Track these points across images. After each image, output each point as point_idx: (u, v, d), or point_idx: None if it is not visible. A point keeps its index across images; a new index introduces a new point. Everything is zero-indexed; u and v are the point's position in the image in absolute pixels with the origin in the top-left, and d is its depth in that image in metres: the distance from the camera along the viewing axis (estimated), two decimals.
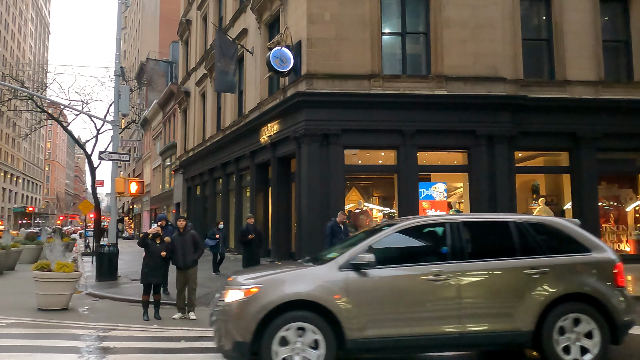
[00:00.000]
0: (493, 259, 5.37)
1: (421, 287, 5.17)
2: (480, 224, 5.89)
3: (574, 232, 5.64)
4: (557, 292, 5.16)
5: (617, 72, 15.25)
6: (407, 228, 5.69)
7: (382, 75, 13.82)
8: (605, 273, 5.35)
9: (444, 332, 5.07)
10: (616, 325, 5.16)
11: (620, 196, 15.77)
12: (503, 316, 5.16)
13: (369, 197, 16.56)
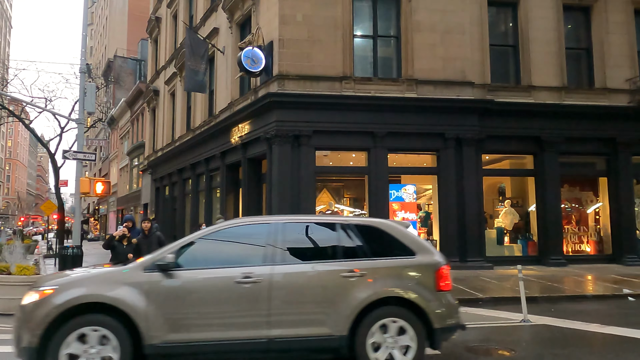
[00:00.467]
0: (310, 261, 5.22)
1: (229, 290, 4.93)
2: (302, 226, 5.63)
3: (400, 235, 5.49)
4: (373, 296, 5.02)
5: (579, 78, 15.79)
6: (224, 229, 5.43)
7: (353, 77, 13.90)
8: (427, 277, 5.24)
9: (252, 337, 4.85)
10: (434, 330, 5.07)
11: (581, 198, 16.33)
12: (316, 321, 4.98)
13: (340, 199, 16.63)
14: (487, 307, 9.30)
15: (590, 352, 6.09)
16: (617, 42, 15.55)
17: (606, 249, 15.56)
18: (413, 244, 5.48)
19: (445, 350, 6.09)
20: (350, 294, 5.02)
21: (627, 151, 15.26)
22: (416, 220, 14.75)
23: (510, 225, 15.77)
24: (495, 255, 14.66)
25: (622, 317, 8.37)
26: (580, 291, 10.81)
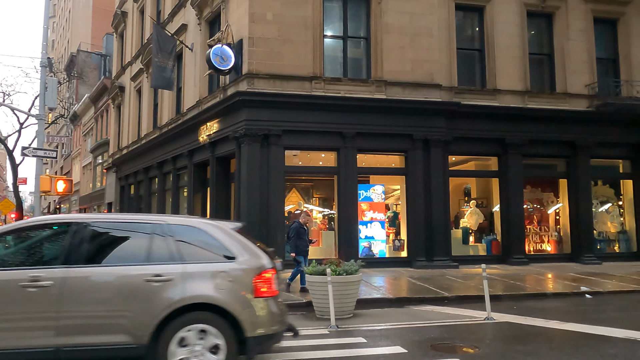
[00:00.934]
0: (111, 264, 4.90)
1: (14, 294, 4.57)
2: (108, 225, 5.30)
3: (219, 236, 5.13)
4: (179, 302, 4.68)
5: (541, 83, 16.30)
6: (17, 228, 5.09)
7: (323, 77, 13.92)
8: (245, 282, 4.90)
9: (38, 346, 4.48)
10: (247, 339, 4.76)
11: (542, 199, 16.87)
12: (114, 328, 4.63)
13: (309, 198, 16.62)
14: (453, 305, 9.48)
15: (550, 348, 6.29)
16: (577, 49, 16.13)
17: (566, 248, 16.12)
18: (234, 246, 5.10)
19: (410, 348, 6.18)
20: (154, 299, 4.68)
21: (585, 154, 15.84)
22: (384, 220, 14.91)
23: (475, 225, 16.14)
24: (460, 255, 14.96)
25: (580, 314, 8.68)
26: (541, 289, 11.16)
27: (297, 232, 10.50)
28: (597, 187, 16.83)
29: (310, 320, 8.23)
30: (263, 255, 5.19)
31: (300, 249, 10.43)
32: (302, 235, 10.53)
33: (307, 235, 10.81)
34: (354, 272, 8.42)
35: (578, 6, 16.27)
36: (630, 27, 16.61)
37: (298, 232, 10.50)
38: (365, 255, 14.12)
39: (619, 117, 15.90)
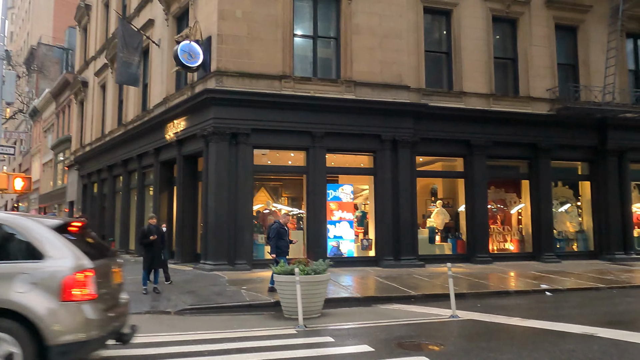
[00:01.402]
0: None
1: None
2: None
3: (27, 234, 4.69)
4: None
5: (505, 86, 16.73)
6: None
7: (293, 76, 13.89)
8: (50, 284, 4.44)
9: None
10: (49, 347, 4.30)
11: (506, 200, 17.34)
12: None
13: (278, 198, 16.56)
14: (419, 303, 9.64)
15: (511, 344, 6.46)
16: (539, 54, 16.65)
17: (527, 247, 16.61)
18: (45, 244, 4.61)
19: (377, 347, 6.24)
20: None
21: (547, 156, 16.36)
22: (353, 220, 15.00)
23: (442, 225, 16.44)
24: (427, 254, 15.21)
25: (541, 310, 8.97)
26: (503, 287, 11.47)
27: (277, 233, 10.47)
28: (557, 188, 17.41)
29: (278, 320, 8.21)
30: (81, 255, 4.68)
31: (281, 250, 10.38)
32: (282, 235, 10.50)
33: (288, 235, 10.77)
34: (322, 272, 8.43)
35: (541, 13, 16.79)
36: (589, 35, 17.26)
37: (278, 232, 10.47)
38: (334, 254, 14.17)
39: (578, 121, 16.50)
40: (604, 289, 11.13)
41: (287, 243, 10.53)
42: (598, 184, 17.03)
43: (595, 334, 6.78)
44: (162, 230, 11.41)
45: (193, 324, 7.99)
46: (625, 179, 17.03)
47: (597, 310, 8.54)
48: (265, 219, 15.57)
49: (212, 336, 6.97)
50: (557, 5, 16.87)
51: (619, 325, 7.19)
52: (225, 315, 8.66)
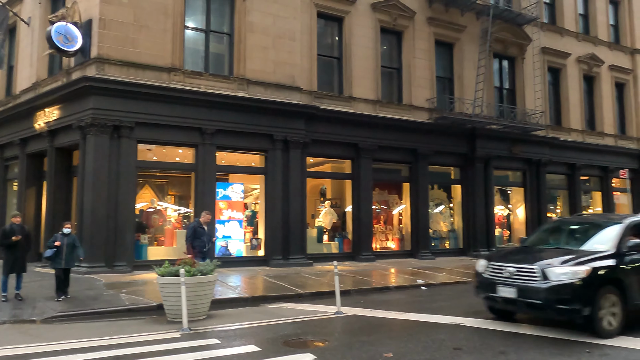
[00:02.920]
0: None
1: None
2: None
3: None
4: None
5: (390, 94, 17.76)
6: None
7: (183, 70, 13.35)
8: None
9: None
10: None
11: (388, 201, 18.42)
12: None
13: (164, 196, 15.82)
14: (306, 301, 9.83)
15: (390, 337, 6.87)
16: (421, 66, 17.95)
17: (407, 245, 17.79)
18: None
19: (264, 346, 6.24)
20: None
21: (425, 161, 17.69)
22: (242, 219, 14.84)
23: (330, 225, 16.96)
24: (315, 253, 15.57)
25: (417, 304, 9.66)
26: (385, 283, 12.15)
27: (194, 232, 9.99)
28: (433, 190, 18.92)
29: (160, 324, 7.82)
30: None
31: (197, 250, 9.90)
32: (199, 235, 10.02)
33: (206, 235, 10.29)
34: (209, 272, 8.21)
35: (423, 28, 18.11)
36: (464, 52, 19.02)
37: (195, 231, 10.01)
38: (222, 254, 13.89)
39: (452, 130, 18.10)
40: (470, 282, 12.30)
41: (203, 243, 10.14)
42: (467, 187, 18.82)
43: (462, 324, 7.49)
44: (27, 230, 10.20)
45: (63, 332, 7.27)
46: (490, 184, 19.05)
47: (465, 302, 9.45)
48: (150, 218, 14.78)
49: (85, 345, 6.42)
50: (437, 22, 18.33)
51: (481, 314, 8.02)
52: (102, 322, 8.03)
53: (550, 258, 7.06)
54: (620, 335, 6.61)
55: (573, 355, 5.81)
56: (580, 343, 6.35)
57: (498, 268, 7.33)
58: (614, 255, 6.99)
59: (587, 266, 6.63)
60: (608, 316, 6.65)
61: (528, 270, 6.89)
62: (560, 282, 6.55)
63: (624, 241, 7.16)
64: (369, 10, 16.92)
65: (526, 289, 6.79)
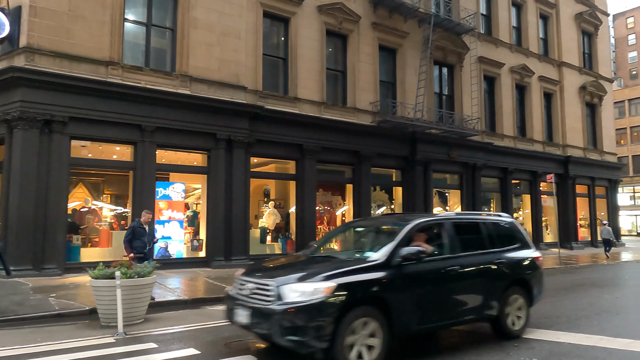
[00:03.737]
0: None
1: None
2: None
3: None
4: None
5: (335, 96, 17.98)
6: None
7: (122, 64, 12.84)
8: None
9: None
10: None
11: (332, 202, 18.61)
12: None
13: (99, 195, 15.14)
14: None
15: None
16: (365, 70, 18.30)
17: None
18: None
19: (204, 349, 6.12)
20: None
21: (368, 163, 18.04)
22: (183, 220, 14.47)
23: (273, 225, 16.89)
24: (258, 254, 15.43)
25: None
26: None
27: (133, 232, 9.54)
28: (376, 192, 19.33)
29: (93, 329, 7.45)
30: None
31: (137, 251, 9.45)
32: (139, 235, 9.58)
33: (146, 235, 9.84)
34: (147, 274, 7.93)
35: (367, 32, 18.48)
36: (406, 58, 19.59)
37: (135, 232, 9.57)
38: (162, 256, 13.48)
39: (394, 133, 18.58)
40: None
41: (144, 243, 9.71)
42: (408, 189, 19.39)
43: None
44: None
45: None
46: (429, 186, 19.73)
47: None
48: (83, 218, 14.09)
49: (7, 353, 6.00)
50: (381, 28, 18.77)
51: None
52: (29, 328, 7.53)
53: (299, 271, 5.48)
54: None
55: (504, 350, 6.12)
56: None
57: (241, 283, 5.80)
58: (383, 267, 5.48)
59: (331, 282, 5.04)
60: (362, 348, 5.13)
61: (264, 287, 5.32)
62: (293, 304, 4.98)
63: (398, 248, 5.67)
64: (315, 13, 17.04)
65: (259, 312, 5.23)
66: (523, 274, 7.08)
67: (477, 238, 6.80)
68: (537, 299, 7.25)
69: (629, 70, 63.23)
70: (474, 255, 6.57)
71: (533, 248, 7.51)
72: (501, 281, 6.66)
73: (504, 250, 6.96)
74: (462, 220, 6.97)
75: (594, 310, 8.76)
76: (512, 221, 7.54)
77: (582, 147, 27.06)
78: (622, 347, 6.21)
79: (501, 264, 6.76)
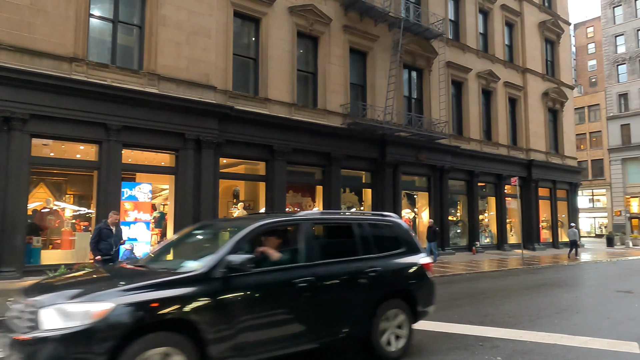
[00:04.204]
0: None
1: None
2: None
3: None
4: None
5: (306, 98, 18.00)
6: None
7: (87, 60, 12.49)
8: None
9: None
10: None
11: (302, 203, 18.59)
12: None
13: (62, 195, 14.65)
14: None
15: None
16: (336, 72, 18.39)
17: None
18: None
19: None
20: None
21: (338, 165, 18.12)
22: (150, 221, 14.17)
23: None
24: None
25: None
26: None
27: (99, 233, 9.24)
28: (345, 194, 19.43)
29: None
30: None
31: (103, 253, 9.15)
32: (105, 237, 9.28)
33: (113, 237, 9.53)
34: None
35: (338, 35, 18.58)
36: (376, 61, 19.79)
37: (100, 233, 9.27)
38: (127, 258, 13.14)
39: (364, 136, 18.73)
40: None
41: (110, 245, 9.42)
42: (377, 191, 19.57)
43: None
44: None
45: None
46: (398, 188, 19.97)
47: None
48: (44, 219, 13.61)
49: None
50: (352, 30, 18.90)
51: None
52: None
53: (81, 287, 4.28)
54: None
55: (469, 349, 6.24)
56: (473, 337, 6.85)
57: (15, 303, 4.42)
58: (199, 280, 4.34)
59: (106, 303, 3.85)
60: None
61: (27, 309, 4.06)
62: (53, 331, 3.75)
63: (227, 256, 4.54)
64: (286, 14, 17.01)
65: (15, 343, 3.92)
66: (405, 284, 6.00)
67: (347, 242, 5.76)
68: (424, 314, 6.16)
69: (588, 78, 65.73)
70: (339, 262, 5.45)
71: (423, 253, 6.45)
72: (374, 293, 5.55)
73: (383, 257, 5.87)
74: (327, 221, 6.07)
75: (555, 309, 9.04)
76: (397, 222, 6.49)
77: (544, 152, 27.95)
78: (580, 344, 6.43)
79: (375, 273, 5.59)
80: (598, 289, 12.33)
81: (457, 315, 8.29)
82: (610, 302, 9.96)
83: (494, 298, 10.44)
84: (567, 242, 28.60)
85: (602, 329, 7.35)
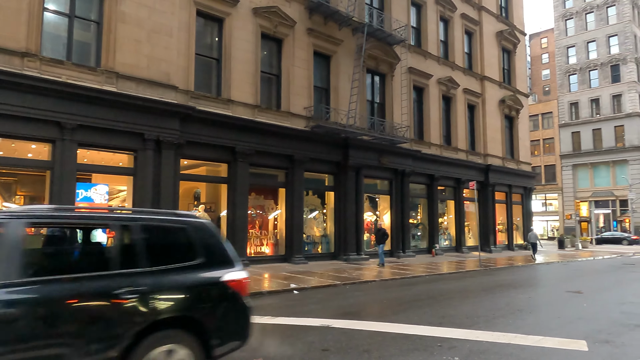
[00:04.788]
0: None
1: None
2: None
3: None
4: None
5: (270, 100, 17.91)
6: None
7: (40, 56, 11.99)
8: None
9: None
10: None
11: (264, 206, 18.47)
12: None
13: (11, 196, 13.98)
14: None
15: (261, 342, 6.87)
16: (299, 75, 18.40)
17: (281, 250, 18.01)
18: None
19: None
20: None
21: (301, 167, 18.12)
22: None
23: None
24: None
25: (289, 308, 9.79)
26: (257, 288, 12.12)
27: None
28: (308, 196, 19.44)
29: None
30: None
31: None
32: None
33: None
34: None
35: (302, 38, 18.61)
36: (340, 65, 19.94)
37: None
38: None
39: (327, 139, 18.81)
40: (340, 285, 12.87)
41: None
42: (340, 194, 19.68)
43: (331, 325, 7.77)
44: None
45: None
46: (361, 191, 20.15)
47: (334, 304, 9.80)
48: None
49: None
50: (316, 34, 18.97)
51: (349, 315, 8.40)
52: None
53: None
54: None
55: (427, 350, 6.37)
56: (432, 338, 6.99)
57: None
58: None
59: None
60: None
61: None
62: None
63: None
64: (250, 15, 16.90)
65: None
66: (190, 309, 4.38)
67: (100, 251, 4.69)
68: (224, 346, 4.55)
69: (542, 87, 68.52)
70: (76, 280, 3.87)
71: (235, 266, 4.81)
72: (129, 324, 3.95)
73: (158, 272, 4.27)
74: (66, 222, 4.33)
75: (510, 309, 9.34)
76: (195, 225, 4.75)
77: (501, 157, 28.89)
78: (533, 343, 6.66)
79: (135, 295, 4.02)
80: (550, 290, 12.83)
81: (417, 317, 8.44)
82: (561, 302, 10.38)
83: (452, 299, 10.68)
84: (522, 245, 29.70)
85: (554, 328, 7.65)
